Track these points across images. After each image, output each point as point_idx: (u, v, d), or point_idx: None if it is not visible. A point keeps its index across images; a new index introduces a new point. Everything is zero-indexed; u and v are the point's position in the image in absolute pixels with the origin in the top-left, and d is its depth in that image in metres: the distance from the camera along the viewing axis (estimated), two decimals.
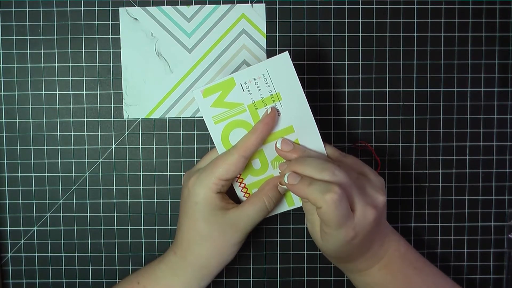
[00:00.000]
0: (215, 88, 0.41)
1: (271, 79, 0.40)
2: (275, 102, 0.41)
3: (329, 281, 0.51)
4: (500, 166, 0.51)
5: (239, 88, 0.41)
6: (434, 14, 0.50)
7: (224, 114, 0.42)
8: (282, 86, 0.41)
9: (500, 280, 0.51)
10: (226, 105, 0.41)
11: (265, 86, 0.41)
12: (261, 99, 0.41)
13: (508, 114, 0.51)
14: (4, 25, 0.50)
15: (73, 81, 0.50)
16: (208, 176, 0.41)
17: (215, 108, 0.42)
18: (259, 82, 0.41)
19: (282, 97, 0.41)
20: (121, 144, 0.50)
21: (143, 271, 0.45)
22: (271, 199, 0.43)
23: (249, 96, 0.41)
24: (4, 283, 0.51)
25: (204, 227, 0.42)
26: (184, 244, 0.43)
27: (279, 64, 0.40)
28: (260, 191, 0.43)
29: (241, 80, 0.41)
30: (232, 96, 0.41)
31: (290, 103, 0.41)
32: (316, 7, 0.50)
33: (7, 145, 0.50)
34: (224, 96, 0.41)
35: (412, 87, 0.50)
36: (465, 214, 0.51)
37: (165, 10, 0.50)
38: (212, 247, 0.42)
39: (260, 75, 0.40)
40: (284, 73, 0.40)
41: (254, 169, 0.44)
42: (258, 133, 0.41)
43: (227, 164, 0.41)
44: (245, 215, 0.42)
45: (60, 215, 0.51)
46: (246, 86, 0.41)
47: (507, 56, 0.50)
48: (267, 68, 0.40)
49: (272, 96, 0.41)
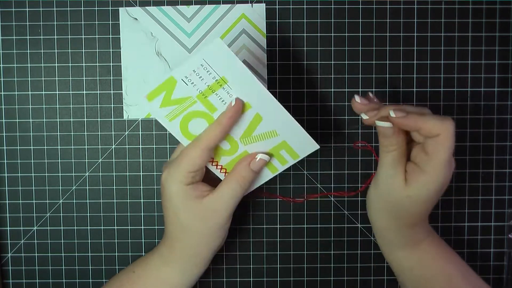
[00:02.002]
0: (157, 90, 0.40)
1: (211, 67, 0.39)
2: (223, 86, 0.40)
3: (329, 281, 0.51)
4: (500, 166, 0.51)
5: (181, 84, 0.40)
6: (434, 14, 0.50)
7: (175, 110, 0.41)
8: (225, 70, 0.39)
9: (500, 280, 0.51)
10: (175, 102, 0.41)
11: (206, 74, 0.39)
12: (208, 86, 0.40)
13: (508, 114, 0.51)
14: (4, 25, 0.50)
15: (73, 81, 0.50)
16: (176, 171, 0.41)
17: (165, 108, 0.41)
18: (200, 72, 0.39)
19: (228, 79, 0.40)
20: (121, 144, 0.50)
21: (139, 261, 0.46)
22: (244, 178, 0.42)
23: (195, 88, 0.40)
24: (4, 283, 0.51)
25: (184, 218, 0.42)
26: (171, 236, 0.43)
27: (215, 51, 0.39)
28: (232, 172, 0.43)
29: (181, 76, 0.40)
30: (178, 92, 0.40)
31: (238, 84, 0.40)
32: (316, 7, 0.50)
33: (7, 145, 0.50)
34: (170, 95, 0.40)
35: (412, 87, 0.50)
36: (465, 214, 0.51)
37: (165, 10, 0.50)
38: (197, 236, 0.42)
39: (199, 65, 0.39)
40: (221, 58, 0.39)
41: (224, 150, 0.43)
42: (222, 127, 0.41)
43: (191, 158, 0.41)
44: (220, 198, 0.42)
45: (60, 215, 0.51)
46: (188, 80, 0.40)
47: (507, 56, 0.50)
48: (203, 58, 0.39)
49: (218, 81, 0.40)
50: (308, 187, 0.51)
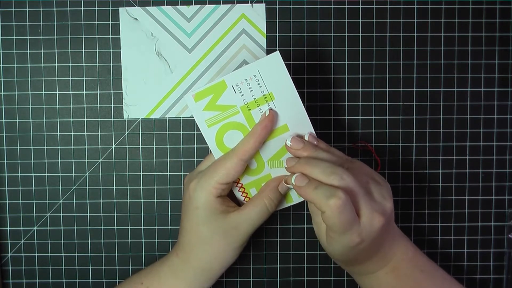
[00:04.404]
0: (206, 91, 0.40)
1: (263, 80, 0.40)
2: (268, 102, 0.41)
3: (329, 281, 0.51)
4: (500, 166, 0.51)
5: (230, 90, 0.40)
6: (434, 14, 0.50)
7: (217, 117, 0.41)
8: (274, 86, 0.40)
9: (500, 280, 0.51)
10: (219, 107, 0.41)
11: (257, 86, 0.40)
12: (254, 100, 0.41)
13: (508, 114, 0.51)
14: (4, 25, 0.50)
15: (73, 81, 0.50)
16: (208, 181, 0.41)
17: (208, 112, 0.41)
18: (251, 83, 0.40)
19: (275, 96, 0.40)
20: (121, 144, 0.50)
21: (146, 272, 0.45)
22: (272, 201, 0.43)
23: (242, 98, 0.41)
24: (4, 283, 0.51)
25: (206, 231, 0.42)
26: (187, 247, 0.43)
27: (270, 64, 0.40)
28: (261, 193, 0.43)
29: (232, 82, 0.40)
30: (224, 98, 0.41)
31: (283, 102, 0.41)
32: (316, 7, 0.50)
33: (7, 145, 0.50)
34: (216, 99, 0.41)
35: (412, 87, 0.50)
36: (465, 214, 0.51)
37: (165, 10, 0.50)
38: (214, 251, 0.42)
39: (252, 76, 0.40)
40: (275, 73, 0.40)
41: (250, 169, 0.43)
42: (257, 136, 0.41)
43: (226, 168, 0.41)
44: (246, 218, 0.42)
45: (60, 215, 0.51)
46: (238, 88, 0.40)
47: (507, 56, 0.50)
48: (258, 69, 0.40)
49: (265, 96, 0.40)
50: None
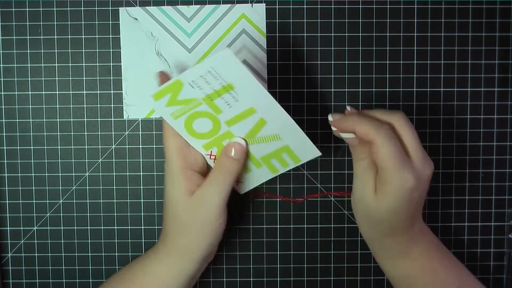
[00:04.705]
0: (163, 91, 0.40)
1: (219, 74, 0.39)
2: (229, 91, 0.40)
3: (329, 281, 0.51)
4: (500, 166, 0.51)
5: (188, 87, 0.40)
6: (434, 14, 0.50)
7: (181, 109, 0.41)
8: (232, 78, 0.39)
9: (500, 280, 0.51)
10: (181, 102, 0.41)
11: (214, 80, 0.39)
12: (214, 91, 0.40)
13: (508, 114, 0.51)
14: (4, 25, 0.50)
15: (73, 81, 0.50)
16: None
17: (171, 107, 0.41)
18: (207, 77, 0.39)
19: (234, 86, 0.40)
20: (121, 144, 0.50)
21: (136, 259, 0.46)
22: (226, 169, 0.42)
23: (201, 91, 0.40)
24: (4, 283, 0.51)
25: (177, 211, 0.42)
26: (164, 231, 0.44)
27: (223, 60, 0.38)
28: (215, 165, 0.42)
29: (188, 80, 0.40)
30: (184, 94, 0.40)
31: (244, 90, 0.40)
32: (316, 7, 0.50)
33: (7, 145, 0.50)
34: (176, 96, 0.40)
35: (412, 87, 0.50)
36: (465, 214, 0.51)
37: (165, 10, 0.50)
38: (187, 231, 0.42)
39: (206, 72, 0.39)
40: (230, 67, 0.39)
41: (223, 145, 0.43)
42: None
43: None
44: (206, 193, 0.41)
45: (60, 215, 0.51)
46: (195, 84, 0.40)
47: (507, 56, 0.50)
48: (211, 66, 0.39)
49: (224, 86, 0.39)
50: (308, 187, 0.51)
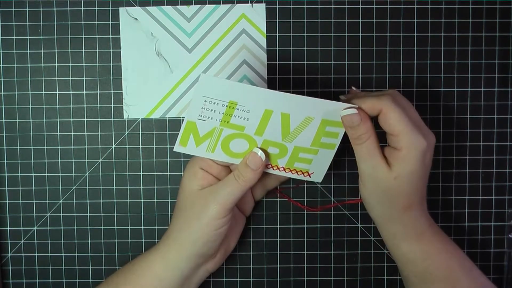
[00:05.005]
0: (185, 135, 0.42)
1: (214, 98, 0.40)
2: (236, 107, 0.41)
3: (329, 281, 0.51)
4: (500, 166, 0.51)
5: (201, 122, 0.42)
6: (434, 14, 0.50)
7: (210, 143, 0.43)
8: (227, 95, 0.40)
9: (500, 280, 0.51)
10: (205, 137, 0.43)
11: (215, 105, 0.41)
12: (223, 114, 0.41)
13: (508, 114, 0.51)
14: (4, 25, 0.50)
15: (73, 81, 0.50)
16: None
17: (201, 145, 0.43)
18: (208, 106, 0.41)
19: (236, 101, 0.41)
20: (121, 144, 0.50)
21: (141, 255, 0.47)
22: (242, 176, 0.42)
23: (214, 120, 0.41)
24: (4, 283, 0.51)
25: (183, 203, 0.44)
26: (170, 224, 0.45)
27: (206, 85, 0.40)
28: (235, 170, 0.43)
29: (194, 116, 0.41)
30: (202, 129, 0.42)
31: (246, 99, 0.41)
32: (316, 7, 0.50)
33: (7, 145, 0.50)
34: (197, 134, 0.42)
35: (412, 87, 0.50)
36: (465, 214, 0.51)
37: (165, 10, 0.50)
38: (186, 227, 0.43)
39: (203, 102, 0.40)
40: (217, 87, 0.40)
41: (276, 154, 0.44)
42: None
43: None
44: (214, 191, 0.42)
45: (60, 215, 0.51)
46: (204, 117, 0.41)
47: (507, 56, 0.50)
48: (202, 95, 0.40)
49: (228, 106, 0.41)
50: (308, 187, 0.51)
